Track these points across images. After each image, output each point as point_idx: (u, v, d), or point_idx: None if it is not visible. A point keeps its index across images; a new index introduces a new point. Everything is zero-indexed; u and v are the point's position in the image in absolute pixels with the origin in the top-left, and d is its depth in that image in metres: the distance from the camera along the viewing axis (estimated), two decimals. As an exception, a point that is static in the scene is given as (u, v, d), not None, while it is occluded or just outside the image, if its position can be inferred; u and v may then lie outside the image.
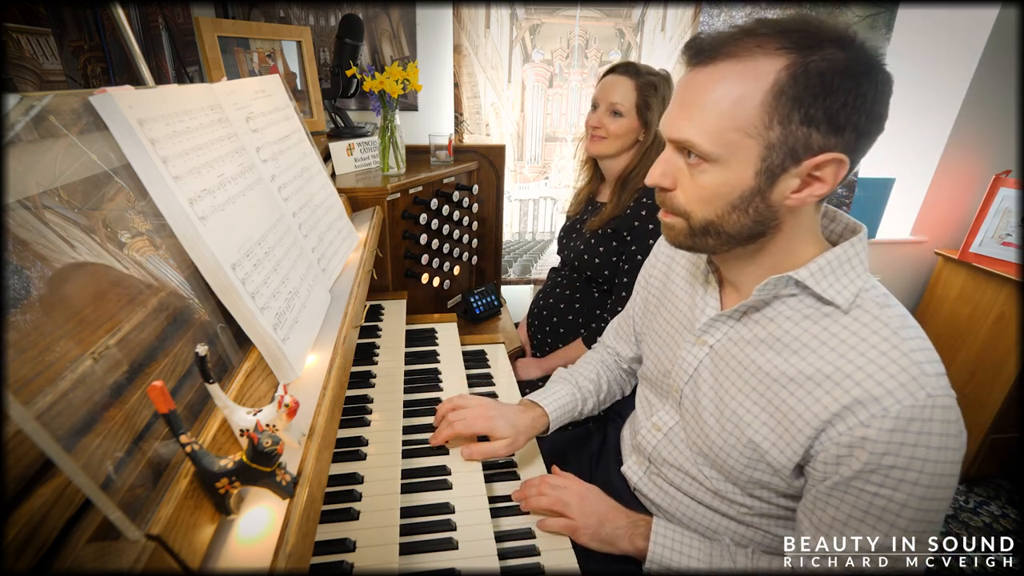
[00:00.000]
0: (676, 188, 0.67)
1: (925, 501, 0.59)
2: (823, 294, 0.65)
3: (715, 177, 0.63)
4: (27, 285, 0.38)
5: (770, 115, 0.58)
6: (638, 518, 0.81)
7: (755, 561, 0.74)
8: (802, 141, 0.58)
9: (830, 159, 0.58)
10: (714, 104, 0.60)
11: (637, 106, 1.32)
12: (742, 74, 0.58)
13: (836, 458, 0.62)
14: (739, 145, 0.60)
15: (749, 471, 0.71)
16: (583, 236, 1.45)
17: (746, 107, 0.58)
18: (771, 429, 0.68)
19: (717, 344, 0.76)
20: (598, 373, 1.07)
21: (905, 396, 0.57)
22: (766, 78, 0.57)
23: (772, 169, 0.60)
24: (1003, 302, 2.00)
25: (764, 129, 0.58)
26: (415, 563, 0.72)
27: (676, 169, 0.66)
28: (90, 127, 0.48)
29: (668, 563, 0.76)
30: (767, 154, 0.59)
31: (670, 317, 0.87)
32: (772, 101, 0.57)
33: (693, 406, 0.79)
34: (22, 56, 1.03)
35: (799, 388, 0.65)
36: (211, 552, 0.43)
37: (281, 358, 0.62)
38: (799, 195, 0.61)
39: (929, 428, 0.57)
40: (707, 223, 0.66)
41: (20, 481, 0.34)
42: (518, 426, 0.93)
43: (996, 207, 2.06)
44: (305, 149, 0.97)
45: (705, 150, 0.61)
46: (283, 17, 1.70)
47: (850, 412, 0.60)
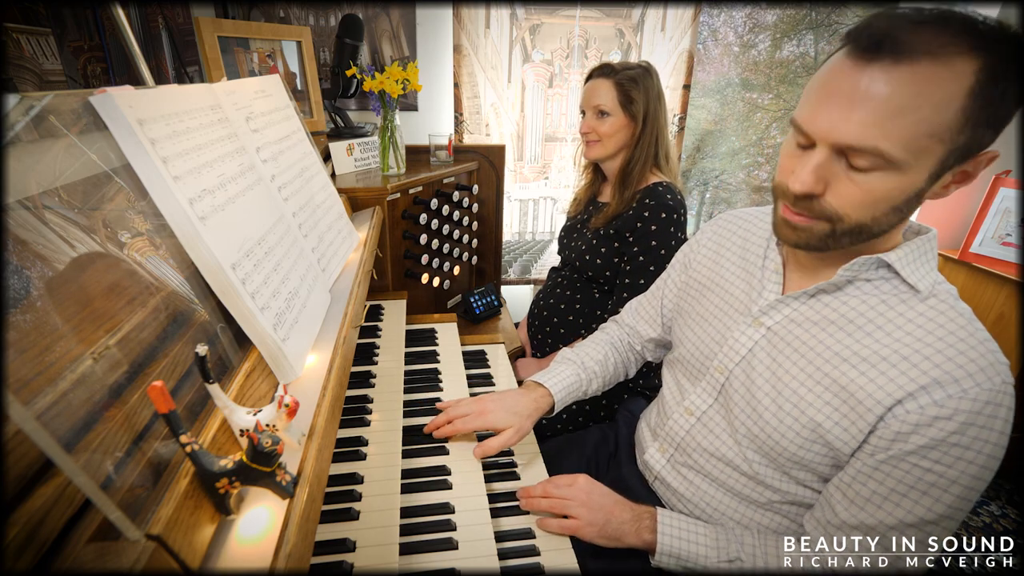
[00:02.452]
0: (826, 192, 0.62)
1: (974, 480, 0.60)
2: (908, 278, 0.66)
3: (888, 182, 0.58)
4: (27, 285, 0.38)
5: (967, 119, 0.54)
6: (642, 511, 0.81)
7: (763, 541, 0.75)
8: (978, 141, 0.57)
9: (990, 156, 0.58)
10: (912, 109, 0.54)
11: (620, 103, 1.33)
12: (944, 76, 0.53)
13: (895, 434, 0.62)
14: (927, 150, 0.56)
15: (803, 452, 0.71)
16: (585, 236, 1.46)
17: (948, 112, 0.54)
18: (835, 408, 0.68)
19: (776, 325, 0.76)
20: (605, 354, 1.06)
21: (984, 380, 0.59)
22: (966, 80, 0.53)
23: (944, 170, 0.58)
24: (1003, 302, 2.00)
25: (956, 134, 0.55)
26: (415, 563, 0.72)
27: (830, 173, 0.61)
28: (90, 127, 0.48)
29: (678, 553, 0.76)
30: (947, 157, 0.57)
31: (718, 300, 0.86)
32: (971, 104, 0.54)
33: (745, 387, 0.78)
34: (22, 56, 1.03)
35: (871, 368, 0.65)
36: (211, 552, 0.43)
37: (281, 358, 0.62)
38: (947, 190, 0.61)
39: (997, 413, 0.59)
40: (860, 226, 0.62)
41: (20, 481, 0.34)
42: (520, 412, 0.92)
43: (996, 207, 2.06)
44: (305, 149, 0.97)
45: (893, 156, 0.56)
46: (283, 17, 1.70)
47: (925, 392, 0.61)
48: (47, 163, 0.44)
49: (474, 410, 0.92)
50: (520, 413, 0.92)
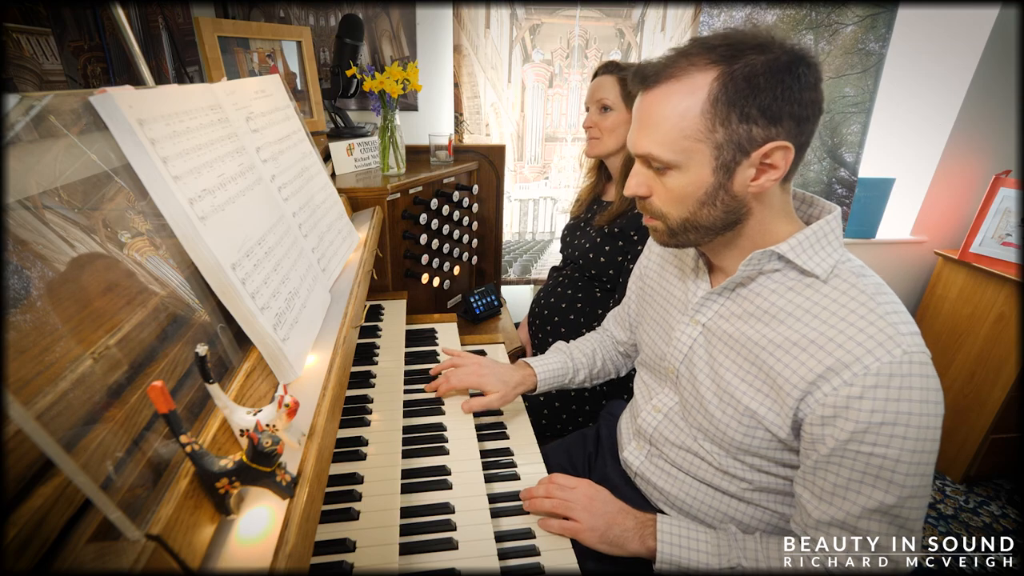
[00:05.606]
0: (652, 195, 0.75)
1: (916, 455, 0.63)
2: (803, 265, 0.71)
3: (679, 180, 0.71)
4: (27, 285, 0.38)
5: (712, 120, 0.66)
6: (646, 518, 0.82)
7: (765, 546, 0.75)
8: (745, 136, 0.66)
9: (775, 147, 0.66)
10: (664, 119, 0.68)
11: (623, 97, 1.35)
12: (682, 90, 0.67)
13: (822, 419, 0.66)
14: (692, 150, 0.68)
15: (748, 440, 0.75)
16: (588, 235, 1.46)
17: (691, 117, 0.67)
18: (765, 395, 0.73)
19: (709, 322, 0.82)
20: (594, 350, 1.16)
21: (883, 354, 0.62)
22: (702, 90, 0.66)
23: (726, 164, 0.68)
24: (1003, 302, 2.00)
25: (709, 132, 0.67)
26: (415, 563, 0.72)
27: (648, 178, 0.75)
28: (90, 127, 0.48)
29: (678, 560, 0.76)
30: (718, 153, 0.68)
31: (664, 303, 0.93)
32: (711, 108, 0.66)
33: (690, 383, 0.83)
34: (22, 56, 1.03)
35: (785, 354, 0.70)
36: (211, 552, 0.43)
37: (281, 358, 0.62)
38: (757, 182, 0.69)
39: (909, 383, 0.62)
40: (683, 221, 0.74)
41: (20, 481, 0.34)
42: (508, 382, 1.04)
43: (996, 207, 2.06)
44: (305, 149, 0.98)
45: (665, 159, 0.70)
46: (283, 17, 1.70)
47: (834, 373, 0.65)
48: (47, 163, 0.44)
49: (471, 368, 1.05)
50: (508, 383, 1.04)
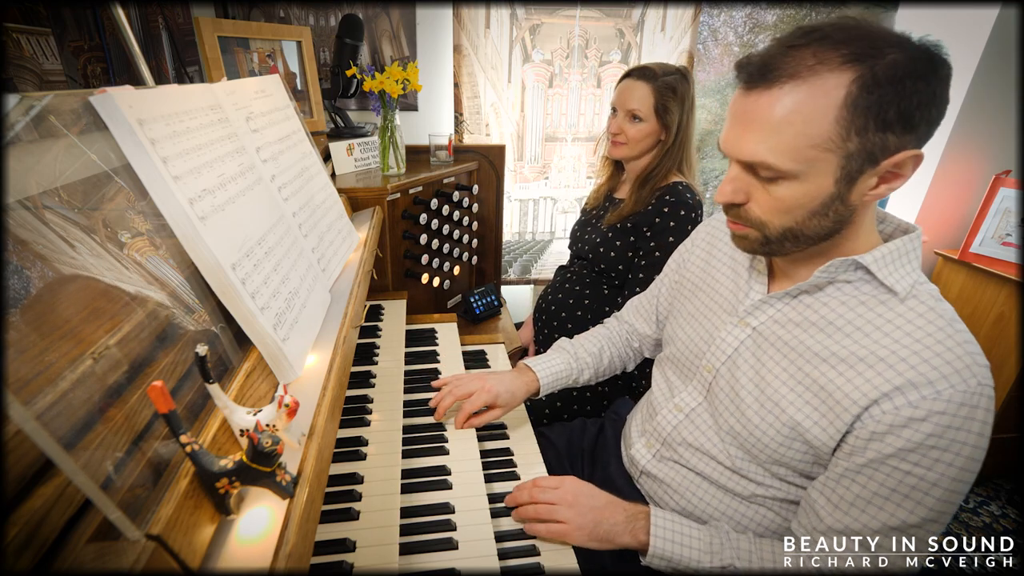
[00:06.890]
0: (749, 201, 0.68)
1: (955, 483, 0.61)
2: (884, 280, 0.67)
3: (794, 190, 0.63)
4: (27, 285, 0.38)
5: (847, 128, 0.59)
6: (636, 511, 0.81)
7: (759, 547, 0.75)
8: (879, 145, 0.59)
9: (909, 156, 0.60)
10: (788, 125, 0.60)
11: (655, 109, 1.32)
12: (810, 93, 0.59)
13: (871, 434, 0.63)
14: (818, 159, 0.61)
15: (783, 450, 0.72)
16: (599, 229, 1.46)
17: (821, 124, 0.59)
18: (814, 408, 0.69)
19: (761, 326, 0.78)
20: (600, 347, 1.11)
21: (959, 382, 0.60)
22: (836, 92, 0.58)
23: (851, 175, 0.62)
24: (1003, 302, 2.00)
25: (842, 142, 0.59)
26: (415, 563, 0.72)
27: (748, 185, 0.67)
28: (90, 127, 0.48)
29: (669, 556, 0.76)
30: (846, 163, 0.61)
31: (708, 300, 0.89)
32: (847, 114, 0.58)
33: (729, 385, 0.80)
34: (22, 56, 1.03)
35: (849, 368, 0.66)
36: (211, 552, 0.43)
37: (281, 358, 0.62)
38: (876, 191, 0.63)
39: (974, 415, 0.60)
40: (786, 230, 0.67)
41: (20, 481, 0.34)
42: (515, 393, 1.01)
43: (996, 207, 2.06)
44: (305, 149, 0.97)
45: (783, 169, 0.62)
46: (283, 17, 1.70)
47: (900, 393, 0.62)
48: (47, 163, 0.44)
49: (477, 387, 0.99)
50: (515, 394, 1.01)
